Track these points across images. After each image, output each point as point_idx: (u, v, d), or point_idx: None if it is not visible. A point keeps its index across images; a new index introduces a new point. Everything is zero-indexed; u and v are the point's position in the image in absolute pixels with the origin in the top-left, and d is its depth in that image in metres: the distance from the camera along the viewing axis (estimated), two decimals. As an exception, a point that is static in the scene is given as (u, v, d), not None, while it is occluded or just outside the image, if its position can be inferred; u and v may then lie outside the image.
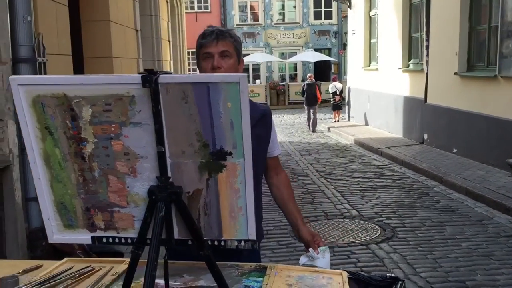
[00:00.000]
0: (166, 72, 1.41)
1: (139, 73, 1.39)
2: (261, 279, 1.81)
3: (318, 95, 14.66)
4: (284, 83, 23.42)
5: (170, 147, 1.45)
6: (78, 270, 1.87)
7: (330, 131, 14.12)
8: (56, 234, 1.60)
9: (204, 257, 1.52)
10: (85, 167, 1.49)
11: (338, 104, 15.86)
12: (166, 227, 1.52)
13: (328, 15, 25.05)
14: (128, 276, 1.55)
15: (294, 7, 25.10)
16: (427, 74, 9.84)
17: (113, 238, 1.58)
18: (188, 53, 24.65)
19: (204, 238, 1.55)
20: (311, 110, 14.51)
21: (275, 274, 1.85)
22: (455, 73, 8.55)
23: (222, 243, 1.55)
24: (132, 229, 1.56)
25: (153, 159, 1.46)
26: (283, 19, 25.33)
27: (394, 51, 11.67)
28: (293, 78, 25.55)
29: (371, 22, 13.92)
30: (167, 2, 9.83)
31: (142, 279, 1.84)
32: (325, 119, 17.49)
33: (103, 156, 1.47)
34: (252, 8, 25.11)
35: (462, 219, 5.65)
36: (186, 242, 1.55)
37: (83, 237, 1.59)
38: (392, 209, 6.13)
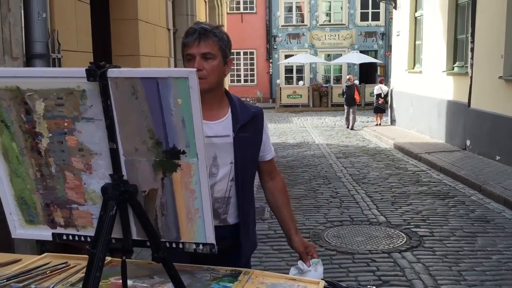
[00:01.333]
0: (116, 66, 1.36)
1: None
2: (231, 284, 1.73)
3: (356, 96, 15.38)
4: (327, 85, 23.11)
5: (123, 144, 1.40)
6: (53, 266, 1.86)
7: (370, 135, 13.80)
8: (19, 229, 1.58)
9: (159, 259, 1.46)
10: (42, 162, 1.46)
11: (381, 107, 15.58)
12: (122, 227, 1.48)
13: (375, 16, 24.54)
14: (87, 276, 1.49)
15: (341, 8, 24.75)
16: (471, 77, 9.41)
17: (73, 235, 1.55)
18: (232, 53, 24.84)
19: (162, 240, 1.50)
20: (351, 110, 15.35)
21: (247, 280, 1.77)
22: (500, 77, 8.13)
23: (180, 245, 1.49)
24: (91, 227, 1.52)
25: (107, 156, 1.41)
26: (329, 20, 25.03)
27: (439, 54, 11.25)
28: (338, 80, 25.19)
29: (416, 23, 13.50)
30: (205, 2, 9.88)
31: (112, 279, 1.82)
32: (367, 122, 17.13)
33: (59, 152, 1.44)
34: (298, 9, 24.95)
35: (496, 231, 5.34)
36: (145, 243, 1.50)
37: (44, 233, 1.57)
38: (423, 217, 5.88)
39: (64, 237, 1.56)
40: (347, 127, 15.41)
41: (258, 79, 25.36)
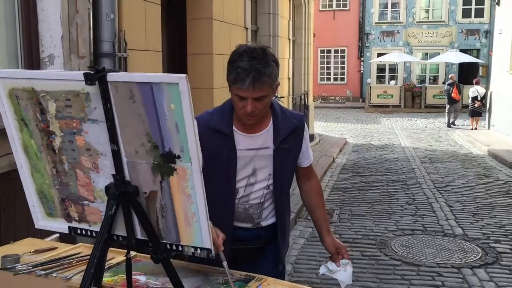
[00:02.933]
0: (115, 70, 1.40)
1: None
2: (238, 290, 1.72)
3: (454, 95, 15.58)
4: (421, 85, 22.05)
5: (125, 146, 1.44)
6: (82, 256, 1.97)
7: (463, 139, 12.97)
8: (41, 221, 1.69)
9: (157, 260, 1.49)
10: (56, 159, 1.55)
11: (478, 110, 14.67)
12: (126, 226, 1.52)
13: (479, 13, 22.93)
14: (87, 270, 1.52)
15: (441, 4, 23.46)
16: None
17: (86, 230, 1.63)
18: (323, 51, 24.64)
19: (163, 241, 1.52)
20: (452, 108, 15.93)
21: (257, 286, 1.75)
22: None
23: (180, 248, 1.51)
24: (100, 224, 1.59)
25: (111, 156, 1.47)
26: (428, 17, 23.85)
27: (544, 54, 10.27)
28: (434, 80, 23.93)
29: (521, 21, 12.43)
30: (289, 1, 9.86)
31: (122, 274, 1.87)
32: (462, 126, 16.12)
33: (70, 150, 1.52)
34: (393, 5, 24.04)
35: None
36: (148, 243, 1.53)
37: (62, 226, 1.66)
38: (505, 232, 5.42)
39: (79, 231, 1.64)
40: (447, 126, 15.83)
41: (348, 77, 24.86)
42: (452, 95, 15.59)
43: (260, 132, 2.04)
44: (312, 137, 12.27)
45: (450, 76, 17.09)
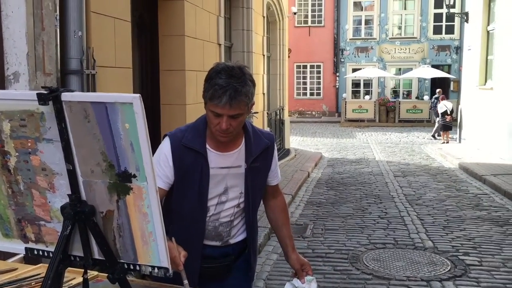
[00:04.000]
0: (69, 90, 1.40)
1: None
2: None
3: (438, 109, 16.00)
4: (395, 100, 22.44)
5: (81, 166, 1.43)
6: (42, 277, 1.94)
7: (435, 153, 13.20)
8: (-3, 242, 1.67)
9: (114, 280, 1.48)
10: (11, 179, 1.54)
11: (448, 125, 15.07)
12: (83, 246, 1.51)
13: (450, 30, 23.55)
14: None
15: (413, 21, 24.02)
16: (544, 95, 8.76)
17: (43, 251, 1.61)
18: (299, 66, 24.91)
19: (121, 261, 1.51)
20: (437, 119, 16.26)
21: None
22: None
23: (137, 267, 1.50)
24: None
25: (67, 176, 1.46)
26: (400, 34, 24.38)
27: (511, 70, 10.59)
28: (407, 95, 24.39)
29: (488, 38, 12.80)
30: (264, 17, 9.98)
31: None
32: (436, 139, 16.42)
33: (25, 170, 1.50)
34: (367, 22, 24.52)
35: (555, 265, 4.89)
36: (105, 263, 1.52)
37: (18, 247, 1.64)
38: (474, 244, 5.52)
39: (35, 252, 1.62)
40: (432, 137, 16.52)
41: (324, 92, 25.15)
42: (437, 109, 15.93)
43: (233, 151, 2.06)
44: (288, 152, 12.34)
45: (438, 90, 17.51)
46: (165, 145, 2.02)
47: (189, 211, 2.05)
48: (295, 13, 20.09)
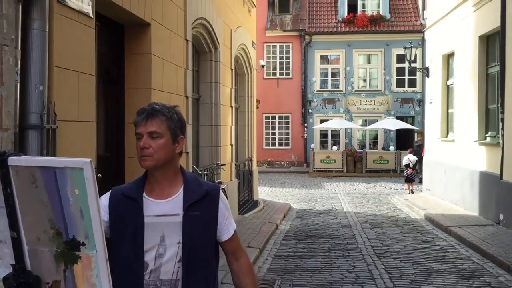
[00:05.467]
0: (17, 154, 1.35)
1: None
2: None
3: (423, 154, 15.87)
4: (362, 150, 22.86)
5: (26, 233, 1.36)
6: None
7: (402, 203, 13.34)
8: None
9: None
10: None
11: (411, 177, 15.48)
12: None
13: (412, 83, 24.46)
14: None
15: (377, 74, 24.89)
16: (502, 148, 9.06)
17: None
18: (268, 117, 25.25)
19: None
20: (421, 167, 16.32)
21: None
22: (531, 149, 7.78)
23: None
24: (-2, 318, 1.47)
25: (11, 244, 1.38)
26: (365, 86, 25.16)
27: (471, 123, 10.97)
28: (374, 145, 24.90)
29: (448, 92, 13.32)
30: (232, 70, 10.14)
31: None
32: (401, 190, 16.67)
33: (-32, 238, 1.42)
34: (333, 75, 25.26)
35: (521, 319, 4.89)
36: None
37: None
38: (442, 299, 5.48)
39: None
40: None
41: (292, 143, 25.41)
42: (423, 154, 16.17)
43: (170, 198, 2.02)
44: (256, 203, 12.25)
45: (418, 138, 18.36)
46: (104, 197, 2.03)
47: (126, 263, 1.95)
48: (263, 66, 20.53)
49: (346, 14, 24.89)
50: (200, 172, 7.91)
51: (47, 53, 3.43)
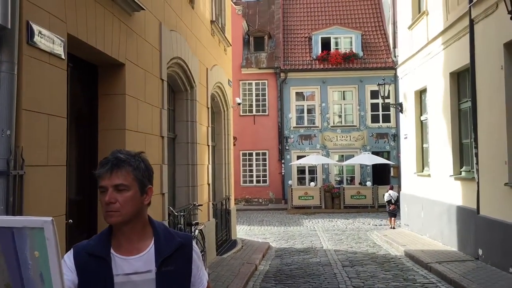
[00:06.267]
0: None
1: None
2: None
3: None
4: (340, 186, 22.91)
5: (-20, 302, 1.22)
6: None
7: (381, 240, 13.28)
8: None
9: None
10: None
11: (393, 212, 15.62)
12: None
13: (386, 119, 24.87)
14: None
15: (352, 110, 25.26)
16: (478, 183, 9.15)
17: None
18: (245, 154, 25.21)
19: None
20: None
21: None
22: (506, 184, 7.86)
23: None
24: None
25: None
26: (341, 122, 25.46)
27: (446, 157, 11.11)
28: (351, 181, 25.00)
29: (422, 127, 13.54)
30: (208, 108, 10.11)
31: None
32: (380, 225, 16.64)
33: None
34: (309, 111, 25.52)
35: None
36: None
37: None
38: None
39: None
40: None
41: (270, 179, 25.33)
42: None
43: (140, 253, 1.87)
44: (234, 243, 12.02)
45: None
46: (67, 256, 1.84)
47: None
48: (239, 104, 20.62)
49: (320, 52, 25.41)
50: (176, 214, 7.73)
51: (15, 96, 3.31)
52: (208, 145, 10.04)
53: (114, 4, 5.27)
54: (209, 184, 10.02)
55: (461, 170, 10.62)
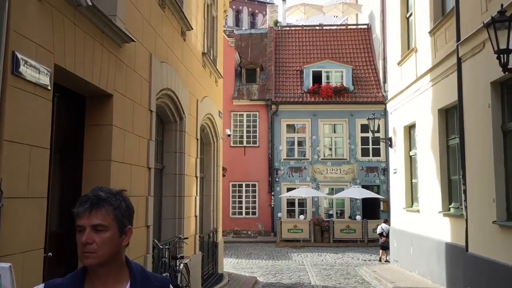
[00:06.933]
0: None
1: None
2: None
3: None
4: (329, 219, 22.76)
5: None
6: None
7: (370, 276, 13.10)
8: None
9: None
10: None
11: (385, 245, 15.59)
12: None
13: (376, 152, 24.96)
14: None
15: (342, 143, 25.35)
16: (466, 220, 9.10)
17: None
18: (234, 185, 25.06)
19: None
20: None
21: None
22: (494, 222, 7.82)
23: None
24: None
25: None
26: (331, 155, 25.50)
27: (434, 193, 11.10)
28: (341, 214, 24.86)
29: (411, 162, 13.57)
30: (197, 139, 10.07)
31: None
32: (369, 260, 16.47)
33: None
34: (299, 143, 25.57)
35: None
36: None
37: None
38: None
39: None
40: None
41: (259, 211, 25.13)
42: None
43: None
44: (221, 277, 11.79)
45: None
46: None
47: None
48: (229, 135, 20.61)
49: (311, 85, 25.65)
50: (161, 247, 7.58)
51: (-3, 127, 3.25)
52: (197, 176, 9.96)
53: (104, 36, 5.27)
54: (196, 216, 9.88)
55: (450, 206, 10.60)
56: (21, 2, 3.70)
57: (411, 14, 13.39)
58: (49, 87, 4.08)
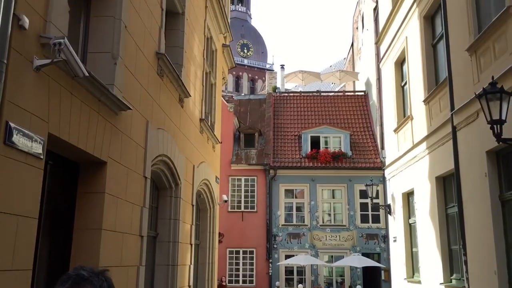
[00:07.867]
0: None
1: None
2: None
3: None
4: (329, 288, 22.13)
5: None
6: None
7: None
8: None
9: None
10: None
11: None
12: None
13: (376, 219, 24.66)
14: None
15: (341, 209, 25.09)
16: (469, 292, 8.81)
17: None
18: (232, 252, 24.54)
19: None
20: None
21: None
22: (497, 295, 7.56)
23: None
24: None
25: None
26: (330, 221, 25.18)
27: (435, 263, 10.81)
28: (341, 283, 24.15)
29: (411, 230, 13.34)
30: (193, 205, 9.96)
31: None
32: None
33: None
34: (298, 209, 25.32)
35: None
36: None
37: None
38: None
39: None
40: None
41: (257, 280, 24.44)
42: None
43: None
44: None
45: None
46: None
47: None
48: (225, 201, 20.42)
49: (309, 150, 25.80)
50: (152, 319, 7.27)
51: (-17, 197, 3.19)
52: (191, 244, 9.75)
53: (100, 104, 5.33)
54: (189, 286, 9.57)
55: (451, 277, 10.29)
56: (18, 73, 3.76)
57: (405, 83, 13.68)
58: (41, 156, 4.06)
